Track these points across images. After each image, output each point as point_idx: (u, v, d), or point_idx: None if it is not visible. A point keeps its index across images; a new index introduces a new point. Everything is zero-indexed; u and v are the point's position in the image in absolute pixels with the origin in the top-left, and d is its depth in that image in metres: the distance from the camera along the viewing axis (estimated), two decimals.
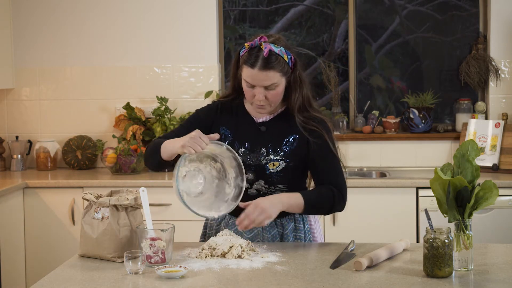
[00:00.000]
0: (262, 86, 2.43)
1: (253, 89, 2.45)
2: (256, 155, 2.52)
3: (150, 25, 4.77)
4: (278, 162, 2.51)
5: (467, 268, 2.15)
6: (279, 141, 2.53)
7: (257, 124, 2.56)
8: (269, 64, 2.40)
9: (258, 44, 2.44)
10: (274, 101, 2.48)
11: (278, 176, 2.51)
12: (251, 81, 2.43)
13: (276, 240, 2.56)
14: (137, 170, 4.48)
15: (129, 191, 2.43)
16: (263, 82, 2.42)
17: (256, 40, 2.45)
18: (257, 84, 2.43)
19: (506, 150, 4.39)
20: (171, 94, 4.75)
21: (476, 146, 2.24)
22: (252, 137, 2.54)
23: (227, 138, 2.55)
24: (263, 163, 2.51)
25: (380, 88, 4.97)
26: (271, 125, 2.55)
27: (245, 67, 2.44)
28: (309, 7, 5.09)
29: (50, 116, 4.85)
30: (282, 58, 2.43)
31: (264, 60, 2.40)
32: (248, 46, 2.46)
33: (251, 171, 2.52)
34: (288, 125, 2.54)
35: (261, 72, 2.41)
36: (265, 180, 2.52)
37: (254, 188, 2.54)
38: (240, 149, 2.53)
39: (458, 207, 2.20)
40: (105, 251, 2.32)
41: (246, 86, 2.47)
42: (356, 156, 4.73)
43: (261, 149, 2.52)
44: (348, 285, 2.04)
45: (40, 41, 4.83)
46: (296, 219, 2.60)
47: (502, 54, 4.62)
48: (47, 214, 4.24)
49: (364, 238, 3.18)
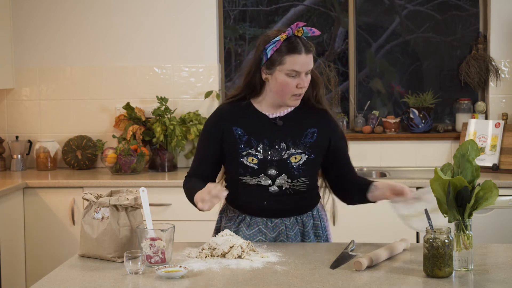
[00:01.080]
0: (305, 72, 2.47)
1: (295, 78, 2.47)
2: (276, 150, 2.51)
3: (150, 25, 4.77)
4: (300, 156, 2.51)
5: (467, 268, 2.15)
6: (298, 135, 2.53)
7: (272, 120, 2.56)
8: (310, 47, 2.49)
9: (293, 32, 2.47)
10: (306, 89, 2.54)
11: (300, 169, 2.52)
12: (299, 68, 2.45)
13: (298, 238, 2.58)
14: (137, 170, 4.48)
15: (129, 191, 2.43)
16: (308, 66, 2.48)
17: (290, 29, 2.47)
18: (304, 69, 2.47)
19: (506, 150, 4.39)
20: (171, 94, 4.75)
21: (476, 146, 2.24)
22: (269, 133, 2.53)
23: (242, 136, 2.53)
24: (284, 158, 2.51)
25: (380, 92, 4.97)
26: (288, 119, 2.56)
27: (289, 56, 2.45)
28: (309, 7, 5.09)
29: (50, 116, 4.85)
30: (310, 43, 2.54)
31: (306, 44, 2.48)
32: (284, 37, 2.46)
33: (273, 166, 2.51)
34: (305, 119, 2.56)
35: (307, 56, 2.47)
36: (288, 174, 2.52)
37: (276, 184, 2.52)
38: (258, 146, 2.52)
39: (458, 207, 2.20)
40: (105, 251, 2.32)
41: (288, 78, 2.47)
42: (356, 156, 4.68)
43: (281, 143, 2.52)
44: (348, 285, 2.04)
45: (40, 41, 4.83)
46: (314, 216, 2.63)
47: (502, 54, 4.62)
48: (47, 214, 4.24)
49: (364, 238, 3.18)
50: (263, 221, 2.55)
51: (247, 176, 2.52)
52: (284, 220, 2.56)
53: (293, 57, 2.44)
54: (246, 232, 2.55)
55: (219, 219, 2.69)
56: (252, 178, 2.52)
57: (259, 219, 2.55)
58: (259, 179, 2.52)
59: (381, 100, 4.98)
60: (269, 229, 2.54)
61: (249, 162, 2.51)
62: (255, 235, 2.53)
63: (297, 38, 2.47)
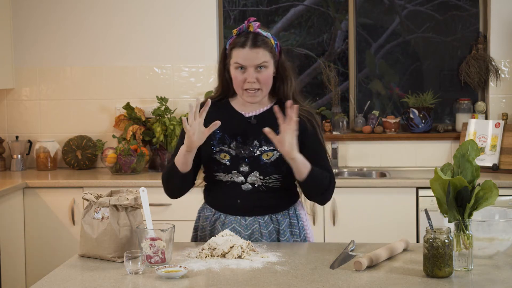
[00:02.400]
0: (254, 66, 2.47)
1: (244, 73, 2.48)
2: (249, 147, 2.53)
3: (150, 25, 4.77)
4: (272, 153, 2.52)
5: (467, 268, 2.15)
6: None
7: (247, 118, 2.58)
8: (258, 42, 2.48)
9: (246, 27, 2.51)
10: (265, 86, 2.51)
11: (272, 166, 2.52)
12: (243, 62, 2.47)
13: (273, 236, 2.57)
14: (137, 170, 4.48)
15: (129, 191, 2.43)
16: (255, 60, 2.47)
17: (244, 24, 2.52)
18: (249, 64, 2.46)
19: (506, 150, 4.39)
20: (171, 94, 4.75)
21: (476, 146, 2.25)
22: (243, 130, 2.55)
23: (216, 133, 2.54)
24: (256, 154, 2.52)
25: (380, 93, 4.96)
26: (262, 118, 2.57)
27: (235, 50, 2.49)
28: (309, 7, 5.09)
29: (50, 116, 4.85)
30: (269, 40, 2.52)
31: (254, 38, 2.48)
32: (236, 31, 2.53)
33: (245, 163, 2.52)
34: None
35: (252, 50, 2.46)
36: (259, 171, 2.52)
37: (248, 182, 2.54)
38: (231, 143, 2.54)
39: (458, 207, 2.20)
40: (105, 251, 2.32)
41: (236, 72, 2.49)
42: (356, 156, 4.73)
43: (254, 141, 2.53)
44: (348, 285, 2.04)
45: (40, 41, 4.83)
46: (290, 215, 2.62)
47: (502, 54, 4.62)
48: (47, 214, 4.24)
49: (364, 238, 3.18)
50: (237, 219, 2.56)
51: (220, 173, 2.55)
52: (258, 218, 2.56)
53: (237, 51, 2.49)
54: (221, 230, 2.55)
55: (197, 218, 2.70)
56: (225, 174, 2.54)
57: (233, 218, 2.56)
58: (232, 176, 2.54)
59: (381, 100, 4.98)
60: (243, 227, 2.55)
61: (221, 158, 2.53)
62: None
63: (248, 33, 2.50)
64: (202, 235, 2.65)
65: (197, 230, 2.68)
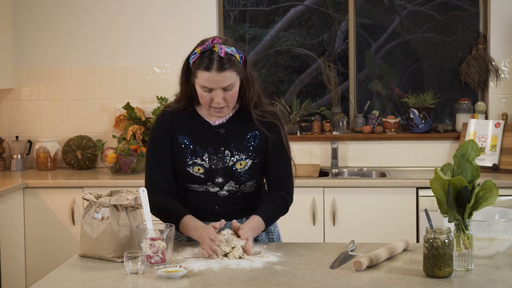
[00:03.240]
0: (220, 88, 2.41)
1: (210, 93, 2.42)
2: (221, 158, 2.51)
3: (150, 25, 4.77)
4: (244, 161, 2.51)
5: (467, 268, 2.15)
6: (240, 140, 2.52)
7: (215, 127, 2.54)
8: (225, 65, 2.39)
9: (210, 47, 2.43)
10: (232, 102, 2.47)
11: (247, 174, 2.52)
12: (209, 85, 2.41)
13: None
14: (137, 170, 4.48)
15: (129, 191, 2.43)
16: (221, 83, 2.40)
17: (208, 43, 2.44)
18: (215, 86, 2.41)
19: (506, 150, 4.39)
20: (171, 94, 4.68)
21: (476, 146, 2.24)
22: (212, 141, 2.52)
23: (187, 146, 2.51)
24: (230, 165, 2.50)
25: (379, 93, 4.97)
26: (229, 126, 2.54)
27: (199, 72, 2.41)
28: (309, 7, 5.09)
29: (50, 116, 4.85)
30: (235, 57, 2.43)
31: (220, 61, 2.39)
32: (200, 50, 2.44)
33: (219, 174, 2.50)
34: (246, 123, 2.53)
35: (218, 74, 2.39)
36: (235, 180, 2.52)
37: (224, 189, 2.53)
38: (204, 155, 2.51)
39: (458, 207, 2.20)
40: (105, 251, 2.32)
41: (202, 92, 2.43)
42: (356, 156, 4.73)
43: (225, 151, 2.51)
44: (348, 285, 2.04)
45: (40, 41, 4.83)
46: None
47: (502, 54, 4.62)
48: (47, 214, 4.24)
49: (364, 238, 3.18)
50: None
51: (195, 185, 2.53)
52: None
53: (203, 73, 2.41)
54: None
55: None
56: (200, 186, 2.53)
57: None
58: (207, 187, 2.52)
59: (381, 100, 4.98)
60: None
61: (195, 171, 2.50)
62: None
63: (213, 53, 2.41)
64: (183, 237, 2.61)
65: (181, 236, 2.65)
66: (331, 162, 4.66)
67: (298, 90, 5.07)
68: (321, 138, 4.71)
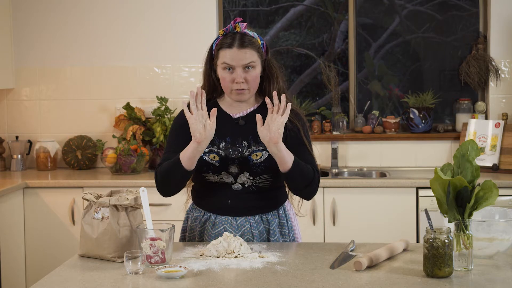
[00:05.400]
0: (241, 66, 2.47)
1: (232, 73, 2.48)
2: (238, 148, 2.52)
3: (150, 25, 4.77)
4: (261, 153, 2.51)
5: (467, 268, 2.15)
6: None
7: (235, 119, 2.57)
8: (246, 42, 2.48)
9: (232, 28, 2.51)
10: (253, 85, 2.51)
11: (262, 166, 2.51)
12: (230, 61, 2.47)
13: (264, 236, 2.57)
14: (137, 170, 4.48)
15: (129, 191, 2.43)
16: (242, 60, 2.47)
17: (230, 25, 2.52)
18: (237, 64, 2.47)
19: (506, 150, 4.39)
20: (171, 94, 4.75)
21: (476, 146, 2.25)
22: (231, 131, 2.55)
23: None
24: (246, 155, 2.51)
25: (379, 94, 4.96)
26: (250, 118, 2.56)
27: (222, 51, 2.49)
28: (309, 7, 5.09)
29: (50, 116, 4.85)
30: (256, 40, 2.52)
31: (241, 38, 2.48)
32: (222, 32, 2.52)
33: (235, 164, 2.51)
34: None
35: (239, 50, 2.47)
36: (249, 171, 2.52)
37: (238, 182, 2.53)
38: (221, 144, 2.53)
39: (458, 207, 2.20)
40: (105, 251, 2.32)
41: (224, 72, 2.50)
42: (356, 156, 4.73)
43: (242, 141, 2.53)
44: (348, 285, 2.04)
45: (40, 41, 4.83)
46: (280, 215, 2.61)
47: (502, 54, 4.62)
48: (47, 214, 4.24)
49: (364, 238, 3.18)
50: (228, 220, 2.55)
51: (210, 173, 2.53)
52: (248, 218, 2.56)
53: (224, 51, 2.48)
54: (211, 231, 2.55)
55: (186, 219, 2.68)
56: (215, 175, 2.53)
57: (224, 218, 2.55)
58: (221, 176, 2.53)
59: (381, 100, 4.98)
60: (234, 228, 2.54)
61: (210, 159, 2.52)
62: (220, 235, 2.51)
63: (235, 33, 2.50)
64: (191, 236, 2.63)
65: (185, 231, 2.66)
66: (331, 162, 4.67)
67: (298, 90, 5.07)
68: (321, 138, 4.71)
